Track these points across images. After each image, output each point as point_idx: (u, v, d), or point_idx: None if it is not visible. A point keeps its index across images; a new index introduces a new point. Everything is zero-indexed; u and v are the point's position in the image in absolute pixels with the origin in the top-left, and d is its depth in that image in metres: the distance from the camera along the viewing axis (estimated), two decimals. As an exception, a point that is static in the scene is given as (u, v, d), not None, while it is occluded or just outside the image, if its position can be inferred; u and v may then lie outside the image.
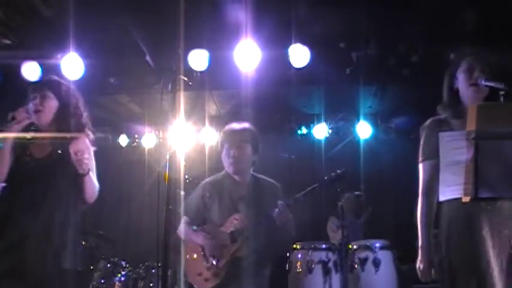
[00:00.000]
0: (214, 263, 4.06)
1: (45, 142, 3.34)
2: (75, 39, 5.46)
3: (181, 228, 4.25)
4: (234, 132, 4.26)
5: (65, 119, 3.39)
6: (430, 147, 3.17)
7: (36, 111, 3.30)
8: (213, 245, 4.09)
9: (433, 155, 3.13)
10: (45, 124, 3.36)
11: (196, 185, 4.49)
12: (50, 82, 3.51)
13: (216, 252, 4.08)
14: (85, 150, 3.23)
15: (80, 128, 3.41)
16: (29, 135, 3.28)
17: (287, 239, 4.15)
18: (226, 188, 4.25)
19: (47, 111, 3.35)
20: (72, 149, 3.20)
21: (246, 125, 4.32)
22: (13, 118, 3.22)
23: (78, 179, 3.28)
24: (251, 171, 4.32)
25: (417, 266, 3.13)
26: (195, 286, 4.17)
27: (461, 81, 3.17)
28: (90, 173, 3.32)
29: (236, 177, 4.26)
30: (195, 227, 4.25)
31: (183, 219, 4.24)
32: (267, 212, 4.00)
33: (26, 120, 3.27)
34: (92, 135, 3.47)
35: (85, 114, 3.50)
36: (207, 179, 4.40)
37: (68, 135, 3.28)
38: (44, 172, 3.26)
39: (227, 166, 4.26)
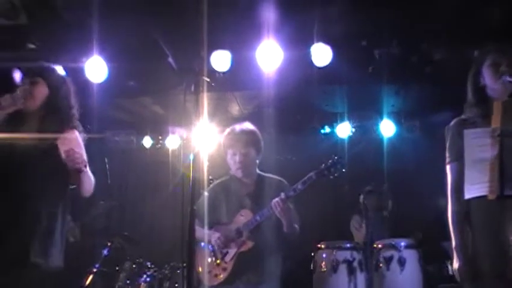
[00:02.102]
0: (223, 258, 4.21)
1: (32, 131, 3.26)
2: (99, 42, 5.52)
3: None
4: (236, 136, 4.37)
5: (52, 107, 3.34)
6: (456, 148, 3.14)
7: (25, 97, 3.25)
8: (221, 241, 4.24)
9: (459, 156, 3.10)
10: (33, 109, 3.31)
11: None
12: (41, 69, 3.46)
13: (225, 246, 4.24)
14: (75, 147, 3.16)
15: (68, 118, 3.36)
16: (11, 135, 3.20)
17: (291, 230, 4.18)
18: (233, 189, 4.42)
19: (36, 97, 3.31)
20: (62, 148, 3.14)
21: (247, 126, 4.42)
22: None
23: (72, 173, 3.21)
24: (257, 171, 4.45)
25: (454, 266, 3.09)
26: (205, 283, 4.27)
27: (488, 77, 3.14)
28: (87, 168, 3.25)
29: (243, 178, 4.40)
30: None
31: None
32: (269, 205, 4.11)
33: (12, 106, 3.24)
34: (80, 126, 3.42)
35: (75, 105, 3.46)
36: (215, 182, 4.57)
37: (54, 135, 3.21)
38: (32, 161, 3.18)
39: (234, 170, 4.41)
